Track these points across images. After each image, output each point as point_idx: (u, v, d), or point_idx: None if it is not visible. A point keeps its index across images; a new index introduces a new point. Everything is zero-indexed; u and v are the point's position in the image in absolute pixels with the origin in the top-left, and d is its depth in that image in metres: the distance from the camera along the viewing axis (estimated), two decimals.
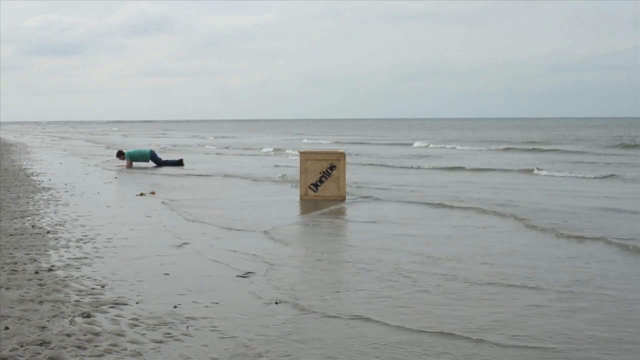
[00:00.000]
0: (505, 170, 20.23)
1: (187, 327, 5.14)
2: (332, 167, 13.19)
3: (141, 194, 13.90)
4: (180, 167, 22.02)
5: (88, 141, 50.67)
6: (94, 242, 8.57)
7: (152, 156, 22.31)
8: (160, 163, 22.31)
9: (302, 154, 13.65)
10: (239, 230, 9.54)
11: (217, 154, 32.05)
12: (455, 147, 36.77)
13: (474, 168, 21.12)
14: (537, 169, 19.72)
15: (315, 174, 13.18)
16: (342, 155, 13.50)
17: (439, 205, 12.04)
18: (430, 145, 38.79)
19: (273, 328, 5.10)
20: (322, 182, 13.15)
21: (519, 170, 19.93)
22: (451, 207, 11.79)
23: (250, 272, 6.86)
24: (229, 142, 47.67)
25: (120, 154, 22.47)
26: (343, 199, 12.95)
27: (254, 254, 7.77)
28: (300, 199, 13.07)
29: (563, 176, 18.03)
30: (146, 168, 21.57)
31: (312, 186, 13.16)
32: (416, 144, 40.77)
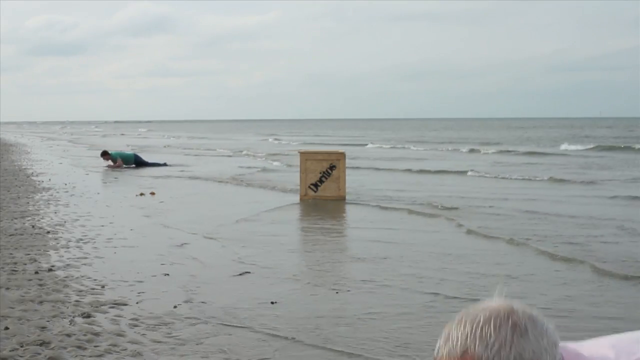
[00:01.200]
0: (442, 172, 20.02)
1: (188, 326, 5.14)
2: (332, 167, 13.19)
3: (141, 194, 13.91)
4: (166, 166, 22.67)
5: (70, 141, 50.16)
6: (94, 242, 8.57)
7: (136, 159, 22.61)
8: (145, 164, 22.53)
9: (302, 154, 13.64)
10: (234, 231, 9.56)
11: (171, 154, 31.68)
12: (409, 148, 36.41)
13: (404, 169, 21.22)
14: (472, 170, 19.82)
15: (315, 174, 13.18)
16: (342, 155, 13.49)
17: (374, 206, 12.10)
18: (384, 146, 38.10)
19: (273, 328, 5.12)
20: (322, 182, 13.15)
21: (455, 172, 19.81)
22: (382, 207, 11.86)
23: (246, 272, 6.87)
24: (196, 143, 46.74)
25: (105, 154, 22.59)
26: (343, 199, 12.95)
27: (249, 255, 7.79)
28: (301, 199, 13.06)
29: (492, 177, 18.10)
30: (141, 169, 21.60)
31: (312, 186, 13.15)
32: (369, 145, 39.92)
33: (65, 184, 16.02)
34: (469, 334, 1.60)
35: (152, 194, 14.03)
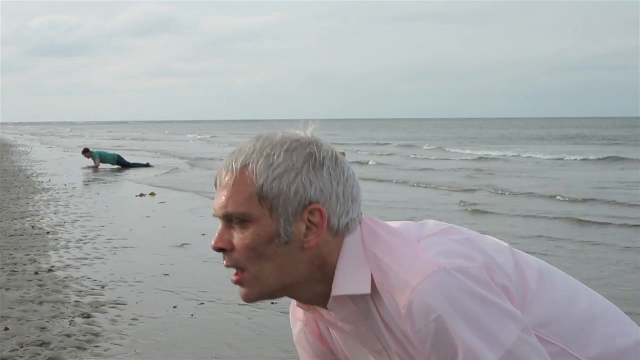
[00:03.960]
0: None
1: (187, 327, 5.14)
2: None
3: (141, 195, 13.91)
4: (149, 167, 22.56)
5: (43, 143, 49.63)
6: (94, 242, 8.57)
7: (118, 160, 22.48)
8: (127, 165, 22.46)
9: None
10: None
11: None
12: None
13: None
14: None
15: None
16: (342, 155, 13.46)
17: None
18: None
19: (271, 328, 5.11)
20: None
21: None
22: None
23: None
24: (135, 143, 45.87)
25: (86, 152, 22.49)
26: None
27: None
28: None
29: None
30: (139, 170, 21.52)
31: None
32: None
33: (65, 185, 16.02)
34: (257, 150, 1.42)
35: (153, 194, 14.02)
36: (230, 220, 1.44)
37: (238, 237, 1.44)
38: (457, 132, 68.59)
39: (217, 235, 1.46)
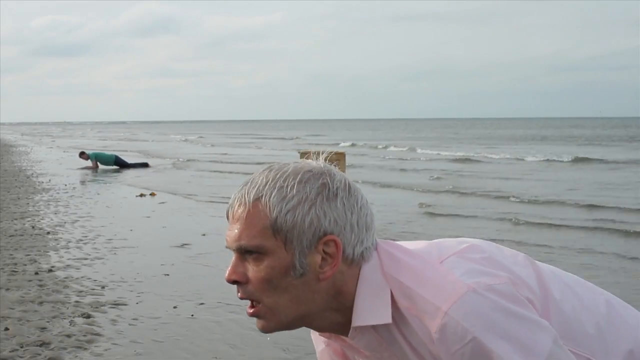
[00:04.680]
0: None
1: (187, 327, 5.14)
2: None
3: (141, 195, 13.91)
4: (146, 167, 22.68)
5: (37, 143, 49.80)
6: (94, 242, 8.56)
7: (116, 161, 22.49)
8: (125, 165, 22.47)
9: (302, 154, 13.63)
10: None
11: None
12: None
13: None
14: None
15: None
16: (342, 155, 13.45)
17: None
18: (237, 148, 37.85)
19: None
20: None
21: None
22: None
23: None
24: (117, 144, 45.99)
25: (82, 154, 22.51)
26: None
27: None
28: None
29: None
30: (140, 170, 21.55)
31: None
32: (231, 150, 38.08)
33: (65, 185, 16.02)
34: (269, 182, 1.41)
35: (153, 194, 14.02)
36: (243, 252, 1.45)
37: (252, 270, 1.44)
38: (450, 132, 68.57)
39: (230, 267, 1.47)
